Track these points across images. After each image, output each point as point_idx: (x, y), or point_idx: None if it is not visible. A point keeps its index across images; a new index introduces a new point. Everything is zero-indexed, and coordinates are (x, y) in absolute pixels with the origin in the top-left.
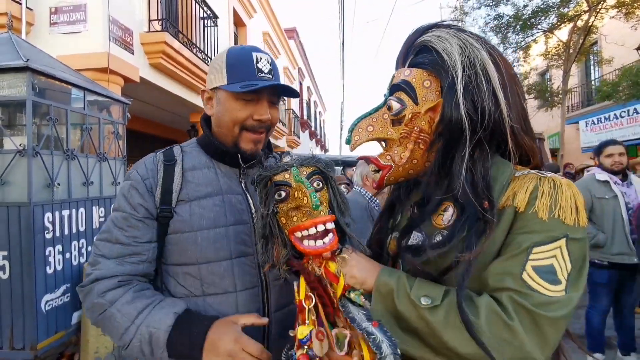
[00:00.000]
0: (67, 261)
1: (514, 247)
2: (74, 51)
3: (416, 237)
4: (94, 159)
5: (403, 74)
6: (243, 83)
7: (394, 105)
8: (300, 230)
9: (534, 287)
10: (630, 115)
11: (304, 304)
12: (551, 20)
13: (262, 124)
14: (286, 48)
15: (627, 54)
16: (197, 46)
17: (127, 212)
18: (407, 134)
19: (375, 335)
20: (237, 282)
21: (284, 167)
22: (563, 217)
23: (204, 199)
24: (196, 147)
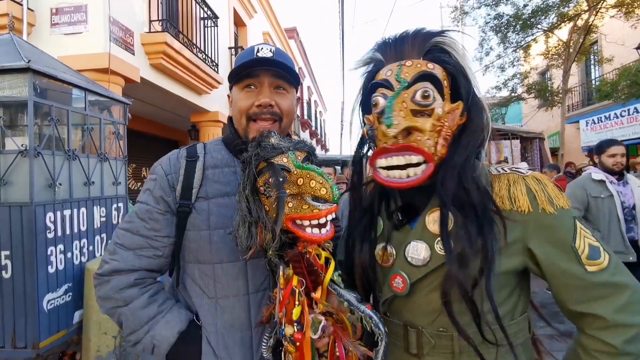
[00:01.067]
0: (69, 261)
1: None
2: (74, 52)
3: (417, 247)
4: (95, 159)
5: (426, 66)
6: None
7: (431, 94)
8: (310, 219)
9: (594, 270)
10: (630, 115)
11: (294, 287)
12: (551, 20)
13: (264, 110)
14: (286, 48)
15: (627, 53)
16: (197, 46)
17: (151, 205)
18: (438, 129)
19: (373, 317)
20: (250, 284)
21: (280, 150)
22: (563, 204)
23: (222, 197)
24: (220, 144)
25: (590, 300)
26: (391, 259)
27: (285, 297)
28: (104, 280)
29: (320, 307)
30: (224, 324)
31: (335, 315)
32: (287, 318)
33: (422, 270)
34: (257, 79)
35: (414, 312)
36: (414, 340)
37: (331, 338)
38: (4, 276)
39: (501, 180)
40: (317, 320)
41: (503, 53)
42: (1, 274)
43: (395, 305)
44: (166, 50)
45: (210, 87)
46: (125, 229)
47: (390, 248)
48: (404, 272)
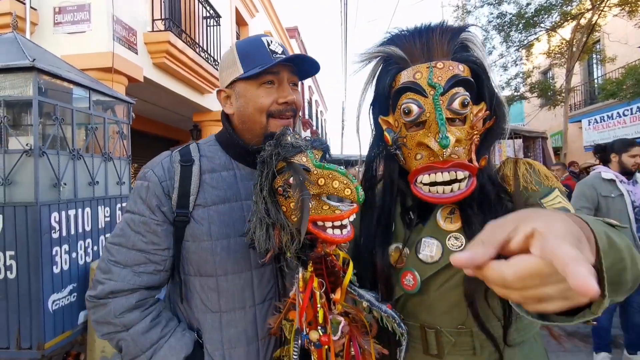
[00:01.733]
0: (74, 261)
1: None
2: (77, 51)
3: (428, 243)
4: (99, 159)
5: (457, 68)
6: (260, 66)
7: (469, 102)
8: (333, 221)
9: None
10: (633, 114)
11: (314, 289)
12: (554, 19)
13: (288, 107)
14: (288, 47)
15: (630, 52)
16: (200, 46)
17: (146, 215)
18: (472, 135)
19: (395, 316)
20: (256, 294)
21: (300, 149)
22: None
23: (223, 204)
24: (215, 144)
25: None
26: (405, 259)
27: (305, 300)
28: (100, 304)
29: (339, 307)
30: (229, 338)
31: (353, 315)
32: (314, 322)
33: (433, 267)
34: (277, 76)
35: (430, 311)
36: (433, 340)
37: (347, 337)
38: (9, 276)
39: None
40: (336, 322)
41: (506, 52)
42: (6, 275)
43: (409, 306)
44: (169, 49)
45: (213, 86)
46: (118, 243)
47: (405, 249)
48: (415, 269)
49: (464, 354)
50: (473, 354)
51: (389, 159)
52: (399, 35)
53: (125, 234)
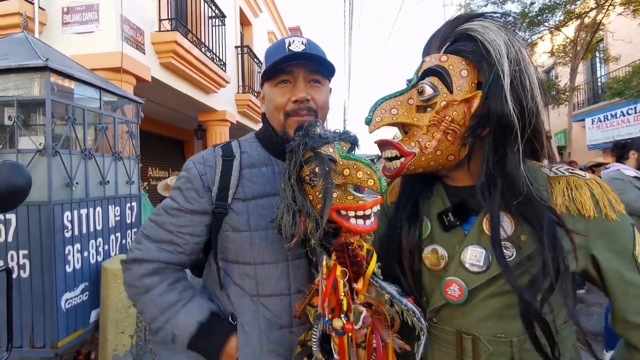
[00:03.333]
0: (85, 260)
1: (621, 257)
2: (86, 51)
3: (475, 252)
4: (110, 158)
5: (439, 59)
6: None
7: (427, 89)
8: (356, 210)
9: None
10: (637, 113)
11: (337, 277)
12: (558, 18)
13: (301, 105)
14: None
15: (634, 51)
16: (206, 45)
17: (180, 203)
18: (437, 122)
19: (416, 310)
20: (292, 284)
21: (327, 140)
22: (622, 210)
23: (261, 198)
24: (255, 141)
25: None
26: (442, 262)
27: (328, 287)
28: (127, 268)
29: (361, 298)
30: (265, 321)
31: (375, 306)
32: (337, 309)
33: (481, 277)
34: (291, 75)
35: (468, 318)
36: (470, 347)
37: (369, 329)
38: (22, 275)
39: (561, 183)
40: (357, 311)
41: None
42: (19, 273)
43: (444, 312)
44: (176, 49)
45: (218, 86)
46: (154, 221)
47: (442, 251)
48: (460, 279)
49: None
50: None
51: None
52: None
53: (160, 213)
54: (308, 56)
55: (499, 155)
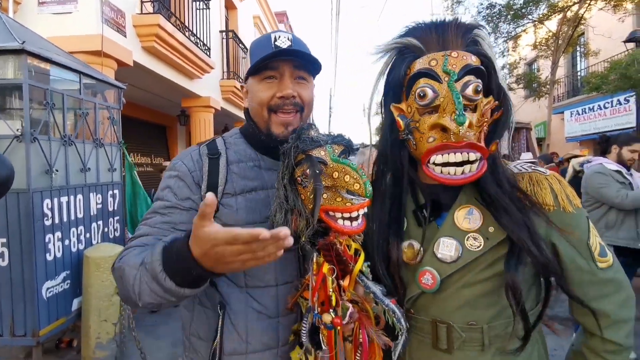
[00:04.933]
0: (67, 248)
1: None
2: (64, 33)
3: (447, 243)
4: (91, 145)
5: (471, 58)
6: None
7: (481, 89)
8: (342, 212)
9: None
10: (613, 107)
11: (327, 275)
12: (541, 11)
13: (286, 101)
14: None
15: (613, 45)
16: (189, 29)
17: (172, 201)
18: (481, 124)
19: (396, 311)
20: (279, 276)
21: (319, 143)
22: (578, 204)
23: (249, 193)
24: (239, 137)
25: (601, 296)
26: (418, 257)
27: (317, 282)
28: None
29: (347, 295)
30: (252, 311)
31: (361, 304)
32: (324, 307)
33: (453, 266)
34: (277, 71)
35: (443, 307)
36: (444, 335)
37: (356, 324)
38: (1, 264)
39: (524, 179)
40: (345, 307)
41: (494, 43)
42: None
43: (420, 302)
44: (159, 33)
45: (202, 71)
46: (144, 223)
47: (417, 245)
48: (433, 269)
49: (473, 349)
50: (482, 350)
51: (399, 147)
52: (415, 27)
53: (151, 216)
54: (295, 52)
55: (494, 155)
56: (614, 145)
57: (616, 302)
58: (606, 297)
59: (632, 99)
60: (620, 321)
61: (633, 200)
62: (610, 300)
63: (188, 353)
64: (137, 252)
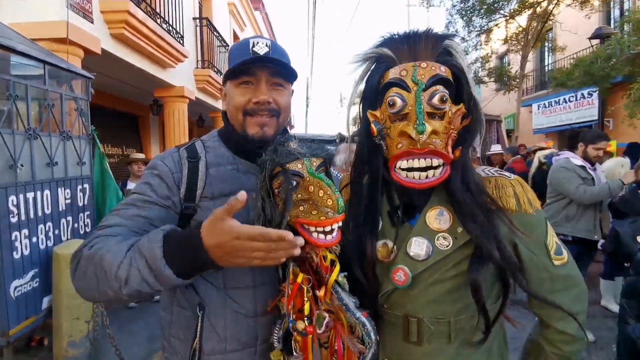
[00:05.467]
0: (35, 245)
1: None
2: (25, 19)
3: (418, 242)
4: (58, 138)
5: (439, 69)
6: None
7: (448, 98)
8: (316, 226)
9: (559, 264)
10: (577, 100)
11: (303, 284)
12: (513, 6)
13: (262, 107)
14: (252, 20)
15: (579, 41)
16: (161, 16)
17: (153, 198)
18: (448, 131)
19: (366, 324)
20: (257, 277)
21: (296, 156)
22: (537, 206)
23: (227, 196)
24: (218, 140)
25: (555, 291)
26: (392, 255)
27: (293, 291)
28: (77, 254)
29: (324, 305)
30: (231, 312)
31: (336, 313)
32: (298, 313)
33: (424, 264)
34: (253, 77)
35: (415, 303)
36: (415, 329)
37: (332, 332)
38: None
39: (491, 182)
40: (321, 317)
41: (467, 37)
42: None
43: (394, 298)
44: (129, 19)
45: (176, 60)
46: (115, 213)
47: (392, 244)
48: (405, 266)
49: (440, 341)
50: (448, 341)
51: (374, 152)
52: (390, 38)
53: (125, 207)
54: (271, 60)
55: (463, 160)
56: (580, 143)
57: (570, 297)
58: (560, 292)
59: (594, 94)
60: (573, 314)
61: (590, 196)
62: (564, 295)
63: (168, 355)
64: (116, 240)
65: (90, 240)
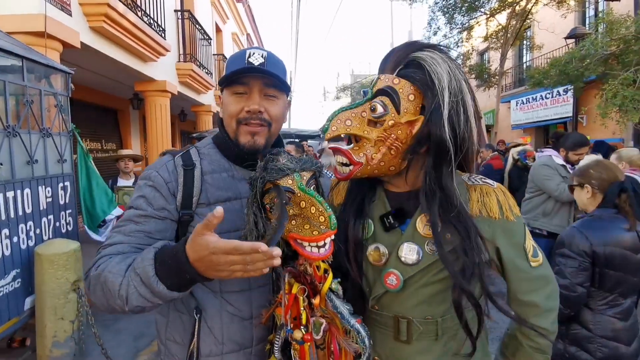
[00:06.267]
0: (15, 245)
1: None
2: (2, 11)
3: (410, 247)
4: (37, 135)
5: (391, 81)
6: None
7: (378, 108)
8: (309, 242)
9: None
10: (553, 97)
11: (298, 295)
12: (493, 4)
13: (253, 116)
14: (234, 13)
15: (556, 40)
16: (142, 9)
17: (148, 211)
18: (384, 138)
19: (361, 331)
20: (252, 280)
21: (285, 172)
22: (518, 212)
23: (224, 202)
24: (213, 148)
25: (532, 290)
26: (384, 259)
27: (290, 301)
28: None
29: (319, 312)
30: (227, 314)
31: (332, 319)
32: (296, 322)
33: (414, 268)
34: (247, 86)
35: (405, 305)
36: (405, 328)
37: (328, 334)
38: None
39: (476, 191)
40: (318, 323)
41: (449, 34)
42: None
43: (384, 300)
44: (109, 12)
45: (157, 54)
46: (117, 231)
47: (383, 248)
48: (397, 271)
49: (428, 339)
50: (435, 339)
51: None
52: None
53: (125, 224)
54: (263, 71)
55: (437, 172)
56: (562, 148)
57: (544, 295)
58: (536, 291)
59: (570, 91)
60: (547, 310)
61: (569, 194)
62: (539, 293)
63: (164, 357)
64: (117, 260)
65: (96, 260)
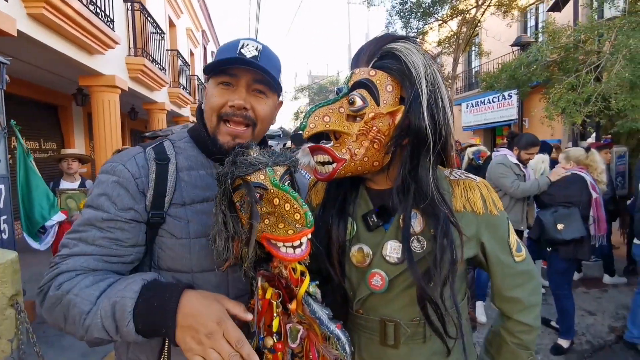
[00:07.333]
0: None
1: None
2: None
3: (394, 246)
4: None
5: (367, 73)
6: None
7: (357, 101)
8: (284, 242)
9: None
10: (500, 101)
11: (272, 300)
12: (445, 11)
13: (237, 112)
14: (189, 7)
15: (502, 47)
16: None
17: (112, 212)
18: (365, 132)
19: (341, 337)
20: (230, 291)
21: (257, 167)
22: (501, 207)
23: (200, 203)
24: (189, 141)
25: (516, 286)
26: (368, 259)
27: (263, 307)
28: (45, 288)
29: (296, 318)
30: None
31: (309, 324)
32: (267, 329)
33: (399, 267)
34: (234, 78)
35: (391, 307)
36: (392, 332)
37: (306, 341)
38: None
39: (459, 185)
40: (295, 330)
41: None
42: None
43: (369, 302)
44: None
45: (105, 46)
46: (77, 238)
47: (367, 249)
48: (382, 270)
49: (417, 343)
50: (423, 342)
51: None
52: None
53: (85, 229)
54: (254, 65)
55: (414, 163)
56: (515, 147)
57: (527, 290)
58: (520, 287)
59: (514, 96)
60: (530, 306)
61: (522, 191)
62: (523, 288)
63: None
64: (87, 282)
65: (55, 276)
